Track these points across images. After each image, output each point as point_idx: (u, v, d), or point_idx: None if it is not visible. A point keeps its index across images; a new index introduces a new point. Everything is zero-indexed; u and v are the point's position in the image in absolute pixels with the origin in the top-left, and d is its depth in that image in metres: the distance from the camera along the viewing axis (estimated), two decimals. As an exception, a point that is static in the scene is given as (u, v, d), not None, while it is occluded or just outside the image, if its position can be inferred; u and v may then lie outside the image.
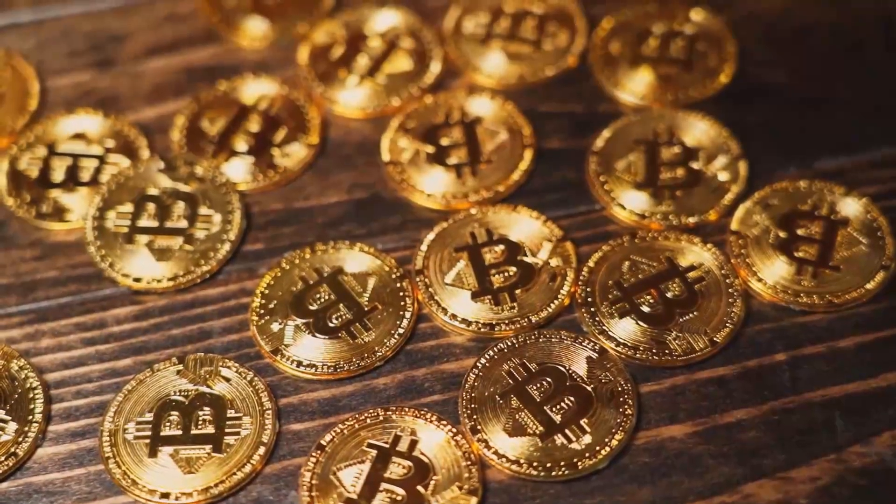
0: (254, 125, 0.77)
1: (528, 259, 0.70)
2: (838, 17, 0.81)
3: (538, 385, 0.66)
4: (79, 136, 0.77)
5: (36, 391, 0.67)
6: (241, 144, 0.76)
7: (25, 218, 0.74)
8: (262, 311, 0.69)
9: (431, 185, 0.74)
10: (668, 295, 0.69)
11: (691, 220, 0.72)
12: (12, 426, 0.66)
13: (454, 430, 0.65)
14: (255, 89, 0.78)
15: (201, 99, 0.78)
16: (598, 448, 0.64)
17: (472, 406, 0.65)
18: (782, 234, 0.71)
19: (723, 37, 0.79)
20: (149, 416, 0.66)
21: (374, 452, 0.64)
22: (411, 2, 0.83)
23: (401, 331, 0.68)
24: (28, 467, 0.66)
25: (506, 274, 0.70)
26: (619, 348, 0.67)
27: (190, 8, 0.83)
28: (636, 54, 0.79)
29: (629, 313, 0.68)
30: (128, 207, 0.73)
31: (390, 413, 0.65)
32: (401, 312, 0.69)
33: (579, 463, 0.63)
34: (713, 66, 0.78)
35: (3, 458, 0.65)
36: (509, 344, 0.67)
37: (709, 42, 0.79)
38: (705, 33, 0.80)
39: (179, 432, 0.65)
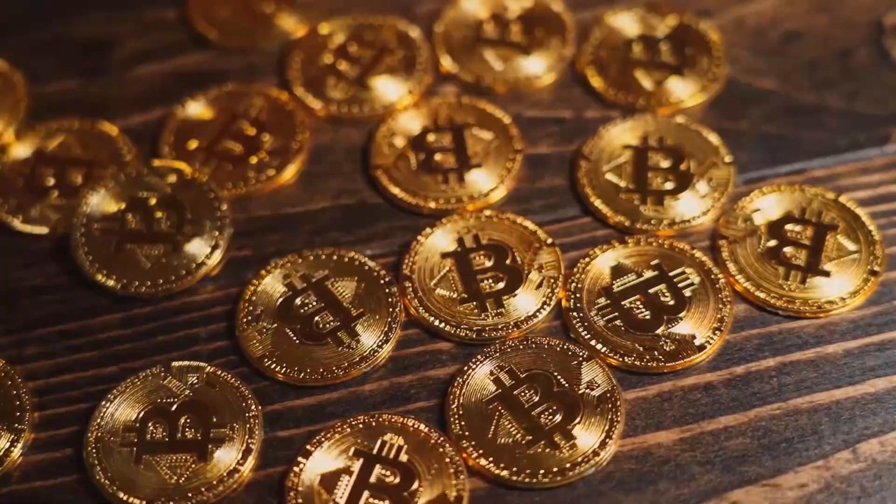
0: (241, 131, 0.77)
1: (516, 265, 0.70)
2: (828, 23, 0.81)
3: (525, 391, 0.65)
4: (67, 143, 0.77)
5: (21, 399, 0.67)
6: (228, 150, 0.76)
7: (12, 225, 0.74)
8: (249, 318, 0.69)
9: (419, 191, 0.73)
10: (656, 300, 0.68)
11: (680, 225, 0.72)
12: (-3, 434, 0.66)
13: (440, 436, 0.64)
14: (243, 95, 0.78)
15: (188, 105, 0.78)
16: (584, 455, 0.63)
17: (459, 413, 0.65)
18: (771, 240, 0.70)
19: (712, 43, 0.79)
20: (134, 424, 0.65)
21: (359, 459, 0.64)
22: (401, 7, 0.82)
23: (387, 337, 0.68)
24: (13, 475, 0.65)
25: (493, 280, 0.69)
26: (606, 354, 0.67)
27: (178, 15, 0.83)
28: (625, 60, 0.79)
29: (617, 319, 0.68)
30: (115, 214, 0.73)
31: (376, 420, 0.65)
32: (388, 319, 0.68)
33: (566, 470, 0.63)
34: (703, 71, 0.78)
35: (-13, 466, 0.65)
36: (496, 350, 0.67)
37: (698, 48, 0.79)
38: (695, 39, 0.79)
39: (165, 440, 0.65)
